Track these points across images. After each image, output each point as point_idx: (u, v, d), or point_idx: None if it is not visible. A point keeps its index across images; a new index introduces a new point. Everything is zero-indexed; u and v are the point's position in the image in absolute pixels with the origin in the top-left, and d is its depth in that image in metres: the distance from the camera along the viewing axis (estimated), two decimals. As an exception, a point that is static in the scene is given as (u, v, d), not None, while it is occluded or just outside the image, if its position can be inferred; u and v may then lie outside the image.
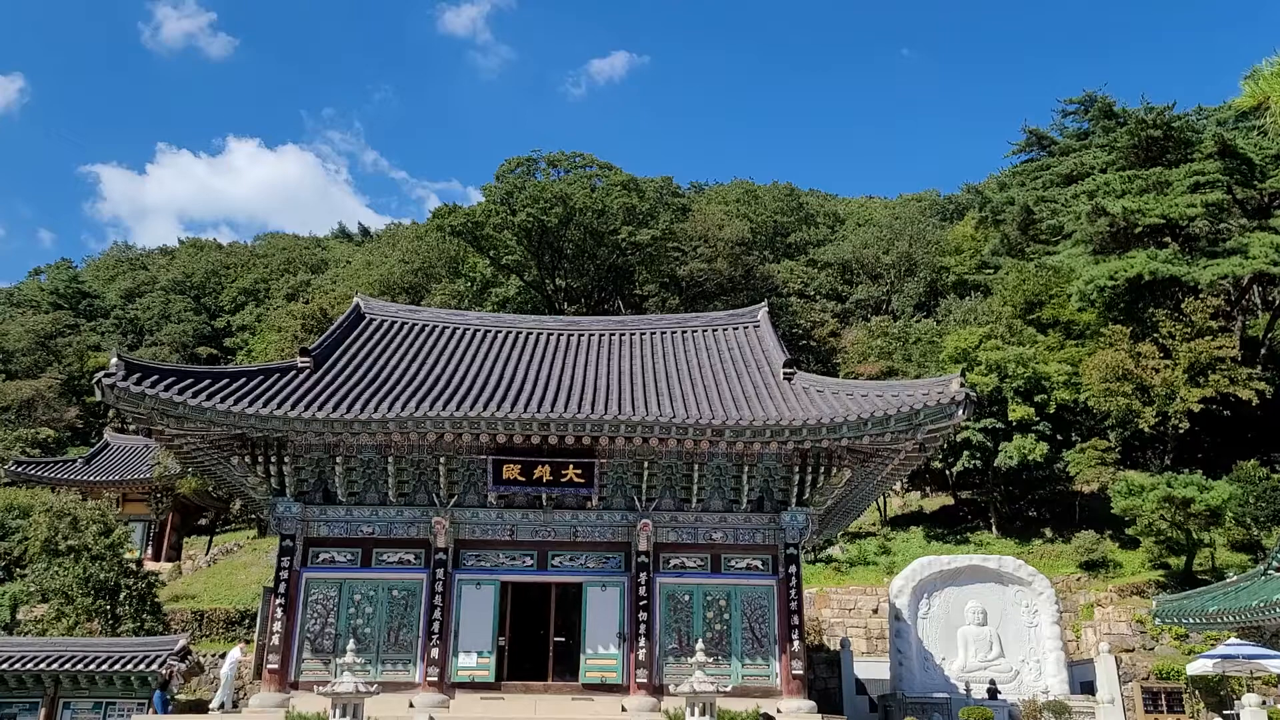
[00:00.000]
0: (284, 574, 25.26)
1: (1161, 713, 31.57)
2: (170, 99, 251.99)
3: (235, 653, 29.32)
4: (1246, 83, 7.20)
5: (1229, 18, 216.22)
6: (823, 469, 25.72)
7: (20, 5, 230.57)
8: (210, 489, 51.04)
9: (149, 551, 54.33)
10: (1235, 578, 30.19)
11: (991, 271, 73.28)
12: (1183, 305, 51.12)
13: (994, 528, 50.61)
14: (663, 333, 33.00)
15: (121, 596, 35.24)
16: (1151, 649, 35.83)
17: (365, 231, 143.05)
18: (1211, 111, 67.48)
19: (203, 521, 62.11)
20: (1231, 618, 26.69)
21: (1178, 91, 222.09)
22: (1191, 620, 29.16)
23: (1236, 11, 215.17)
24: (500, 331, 32.85)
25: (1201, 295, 51.19)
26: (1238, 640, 26.89)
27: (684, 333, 33.01)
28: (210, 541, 58.98)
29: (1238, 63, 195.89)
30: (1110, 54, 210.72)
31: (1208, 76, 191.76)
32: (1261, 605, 25.29)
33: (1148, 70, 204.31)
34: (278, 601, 25.06)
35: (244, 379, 25.35)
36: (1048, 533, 49.97)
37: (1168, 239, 55.40)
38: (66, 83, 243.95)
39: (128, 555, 38.02)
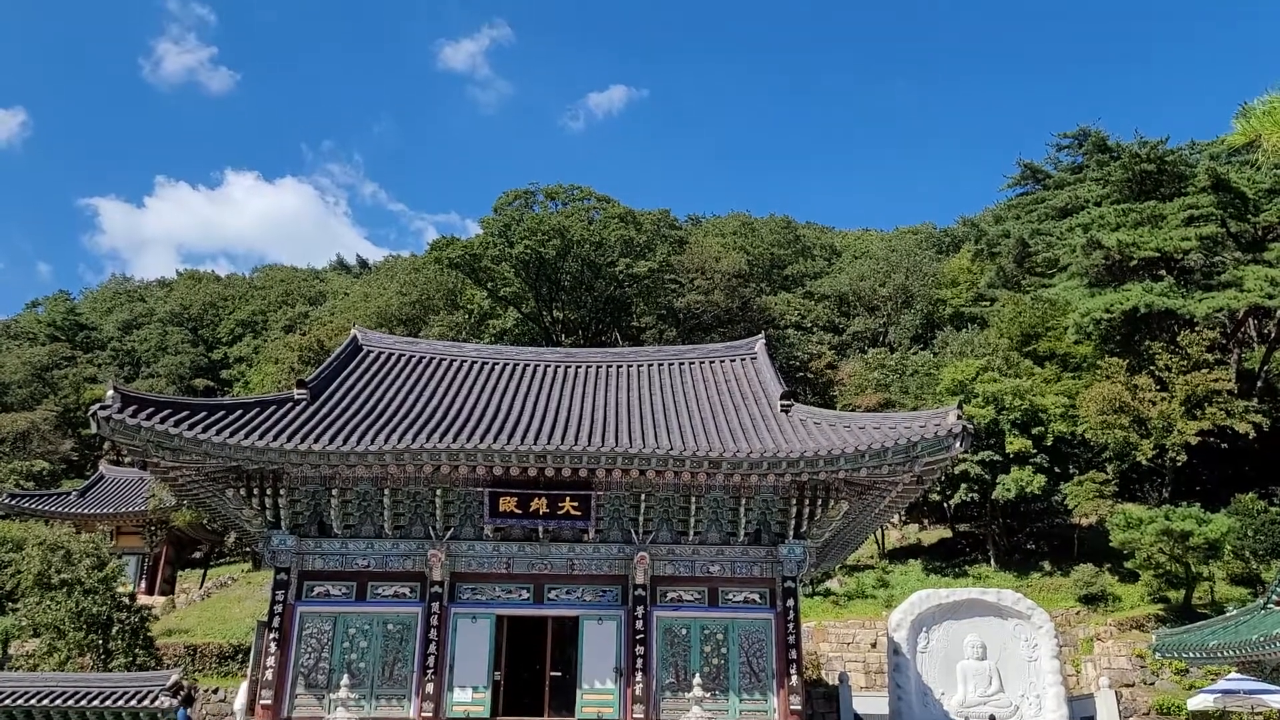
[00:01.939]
0: (278, 608, 25.08)
1: (1163, 748, 31.26)
2: (170, 132, 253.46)
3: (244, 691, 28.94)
4: (1238, 120, 7.30)
5: (1221, 54, 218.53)
6: (820, 501, 25.64)
7: (24, 40, 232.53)
8: (205, 522, 50.77)
9: (142, 585, 53.89)
10: (1235, 611, 29.98)
11: (988, 304, 73.49)
12: (1179, 338, 51.21)
13: (992, 560, 50.38)
14: (660, 365, 33.01)
15: (114, 631, 34.89)
16: (1152, 684, 35.54)
17: (363, 263, 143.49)
18: (1204, 146, 68.02)
19: (197, 554, 61.69)
20: (1232, 652, 26.47)
21: (1170, 126, 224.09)
22: (1192, 655, 28.91)
23: (1228, 48, 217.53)
24: (497, 363, 32.84)
25: (1197, 328, 51.31)
26: (1238, 675, 26.70)
27: (681, 365, 33.01)
28: (204, 575, 58.56)
29: (1230, 98, 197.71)
30: (1103, 88, 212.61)
31: (1201, 111, 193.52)
32: (1262, 639, 25.09)
33: (1141, 105, 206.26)
34: (271, 636, 24.86)
35: (240, 411, 25.29)
36: (1046, 566, 49.73)
37: (1163, 272, 55.60)
38: (67, 116, 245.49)
39: (121, 589, 37.67)
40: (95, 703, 25.75)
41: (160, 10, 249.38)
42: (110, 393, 23.21)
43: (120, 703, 25.82)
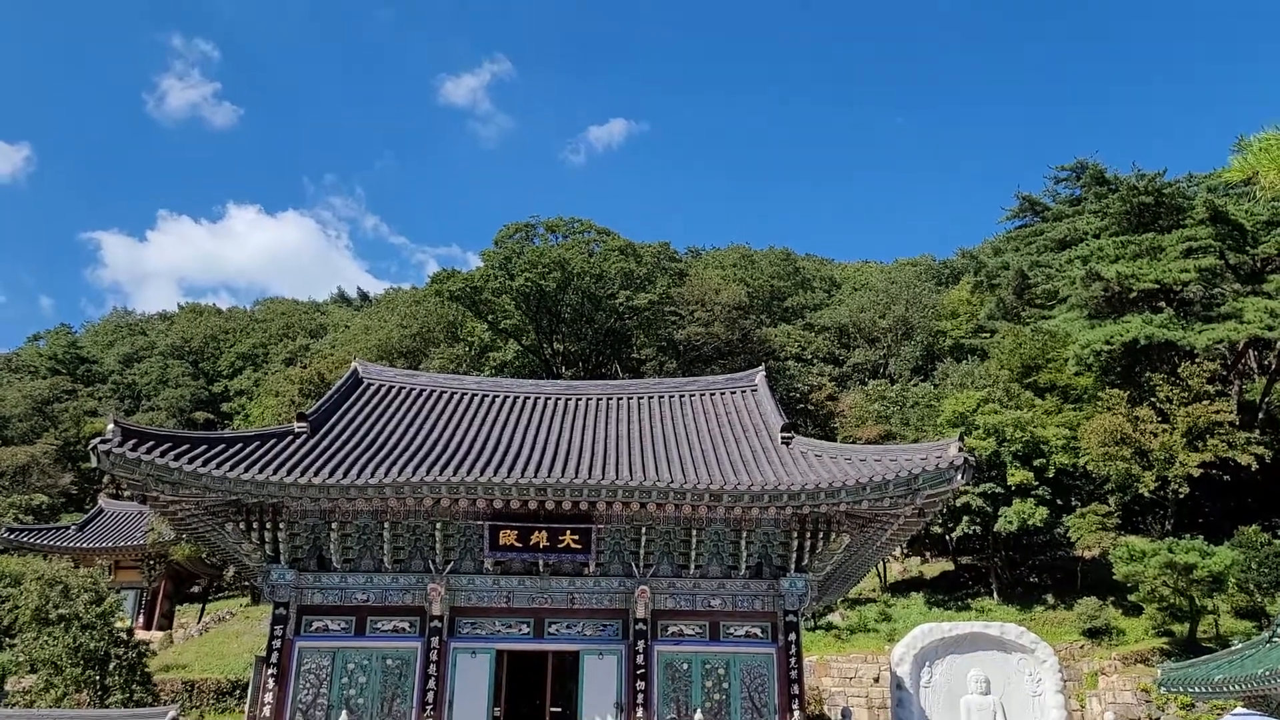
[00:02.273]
0: (276, 643, 24.89)
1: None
2: (172, 166, 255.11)
3: None
4: (1236, 157, 7.34)
5: (1217, 88, 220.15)
6: (821, 534, 25.53)
7: (30, 75, 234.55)
8: (204, 556, 50.57)
9: (140, 620, 53.58)
10: (1240, 645, 29.82)
11: (988, 335, 73.58)
12: (1179, 369, 51.22)
13: (995, 594, 50.09)
14: (660, 397, 32.98)
15: (111, 666, 34.64)
16: (1157, 719, 35.23)
17: (364, 296, 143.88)
18: (1202, 178, 68.42)
19: (195, 589, 61.38)
20: (1237, 686, 26.30)
21: (1168, 158, 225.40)
22: (1197, 689, 28.72)
23: (1225, 82, 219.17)
24: (498, 396, 32.82)
25: (1198, 359, 51.36)
26: (1244, 710, 26.44)
27: (682, 397, 32.99)
28: (203, 609, 58.22)
29: (1226, 130, 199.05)
30: (1101, 122, 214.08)
31: (1198, 144, 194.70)
32: (1267, 674, 24.94)
33: (1138, 137, 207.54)
34: (270, 671, 24.67)
35: (240, 444, 25.24)
36: (1050, 599, 49.44)
37: (1162, 303, 55.73)
38: (71, 151, 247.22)
39: (119, 624, 37.45)
40: (91, 739, 25.58)
41: (164, 47, 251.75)
42: (111, 426, 23.17)
43: (116, 739, 25.65)
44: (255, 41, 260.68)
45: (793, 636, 25.51)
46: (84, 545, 54.25)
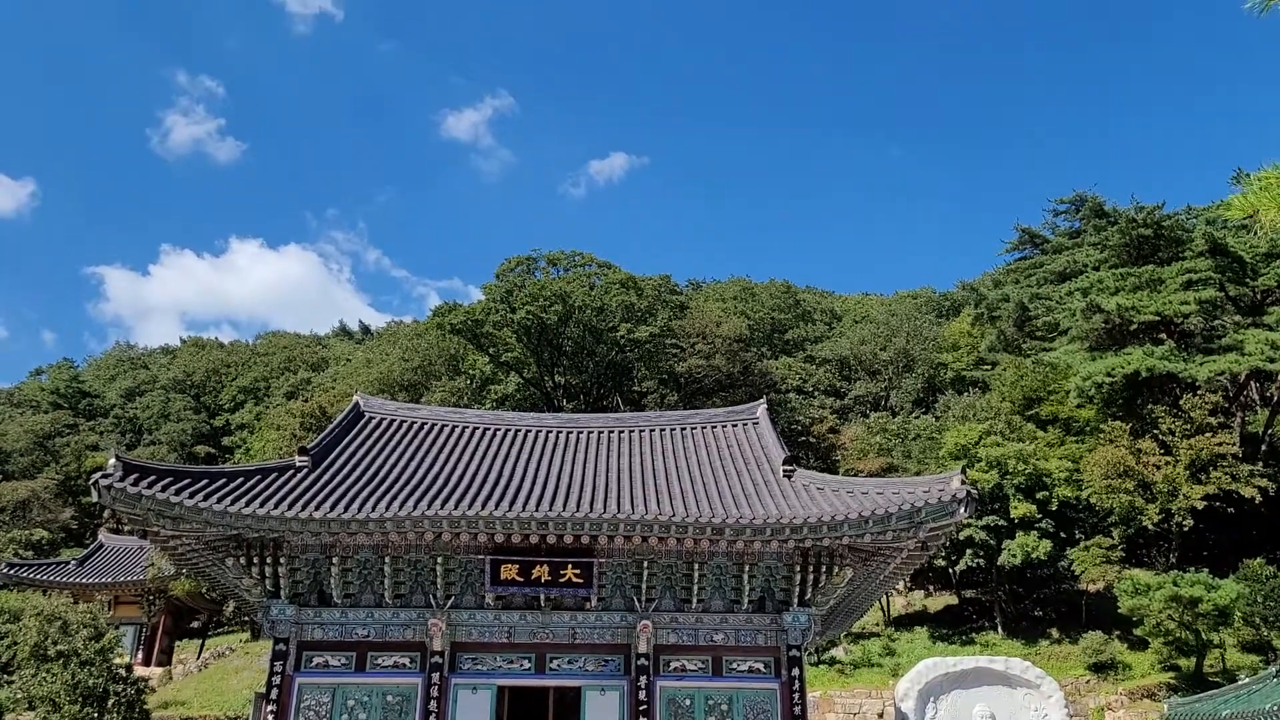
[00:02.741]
0: (276, 679, 24.70)
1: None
2: (176, 201, 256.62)
3: None
4: (1236, 196, 7.39)
5: (1215, 120, 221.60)
6: (824, 568, 25.41)
7: (36, 112, 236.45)
8: (204, 591, 50.34)
9: (140, 656, 53.25)
10: (1247, 680, 29.62)
11: (989, 368, 73.62)
12: (1181, 401, 51.18)
13: (1000, 628, 49.76)
14: (662, 430, 32.94)
15: (110, 704, 34.39)
16: (1165, 754, 34.86)
17: (366, 329, 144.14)
18: (1200, 211, 68.73)
19: (195, 624, 61.04)
20: (1245, 721, 26.08)
21: (1166, 190, 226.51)
22: (1205, 724, 28.47)
23: (1223, 115, 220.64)
24: (499, 429, 32.79)
25: (1199, 391, 51.33)
26: (1253, 745, 26.22)
27: (683, 430, 32.94)
28: (202, 645, 57.87)
29: (1224, 162, 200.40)
30: (1099, 153, 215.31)
31: (1196, 176, 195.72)
32: (1275, 709, 24.76)
33: (1136, 169, 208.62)
34: (269, 708, 24.46)
35: (241, 479, 25.20)
36: (1054, 633, 49.10)
37: (1163, 335, 55.79)
38: (75, 187, 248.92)
39: (118, 660, 37.25)
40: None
41: (170, 84, 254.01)
42: (112, 461, 23.15)
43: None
44: (260, 77, 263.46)
45: (796, 671, 25.31)
46: (84, 581, 54.01)
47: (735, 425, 33.14)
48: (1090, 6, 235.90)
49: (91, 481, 22.93)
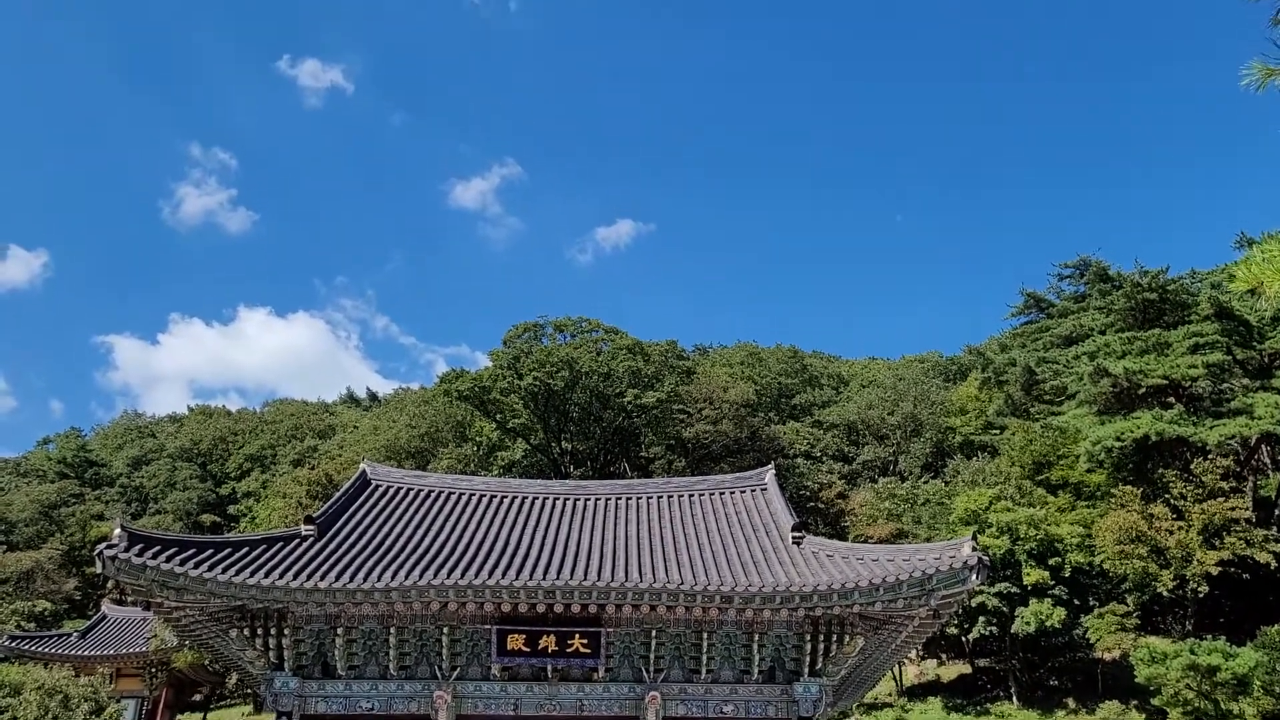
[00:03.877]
0: (279, 753, 24.33)
1: None
2: (186, 271, 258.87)
3: None
4: (1240, 268, 7.47)
5: (1218, 183, 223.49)
6: (835, 636, 25.08)
7: (51, 184, 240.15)
8: (206, 663, 49.67)
9: (140, 730, 52.44)
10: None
11: (997, 432, 73.34)
12: (1192, 466, 50.81)
13: (1014, 697, 48.86)
14: (670, 497, 32.76)
15: (109, 779, 33.85)
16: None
17: (373, 396, 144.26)
18: (1205, 275, 69.02)
19: (197, 697, 60.10)
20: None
21: (1170, 253, 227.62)
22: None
23: (1226, 178, 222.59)
24: (506, 497, 32.65)
25: (1210, 455, 50.98)
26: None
27: (691, 496, 32.76)
28: (204, 718, 56.96)
29: (1228, 225, 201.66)
30: (1102, 216, 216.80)
31: (1200, 239, 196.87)
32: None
33: (1139, 231, 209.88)
34: (271, 783, 24.05)
35: (246, 548, 25.07)
36: (1070, 703, 48.18)
37: (1171, 399, 55.62)
38: (87, 257, 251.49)
39: (118, 734, 36.73)
40: None
41: (184, 156, 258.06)
42: (118, 531, 23.06)
43: None
44: (272, 149, 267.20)
45: (808, 744, 24.85)
46: (86, 653, 53.37)
47: (743, 491, 32.96)
48: (1091, 68, 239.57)
49: (96, 552, 22.81)
